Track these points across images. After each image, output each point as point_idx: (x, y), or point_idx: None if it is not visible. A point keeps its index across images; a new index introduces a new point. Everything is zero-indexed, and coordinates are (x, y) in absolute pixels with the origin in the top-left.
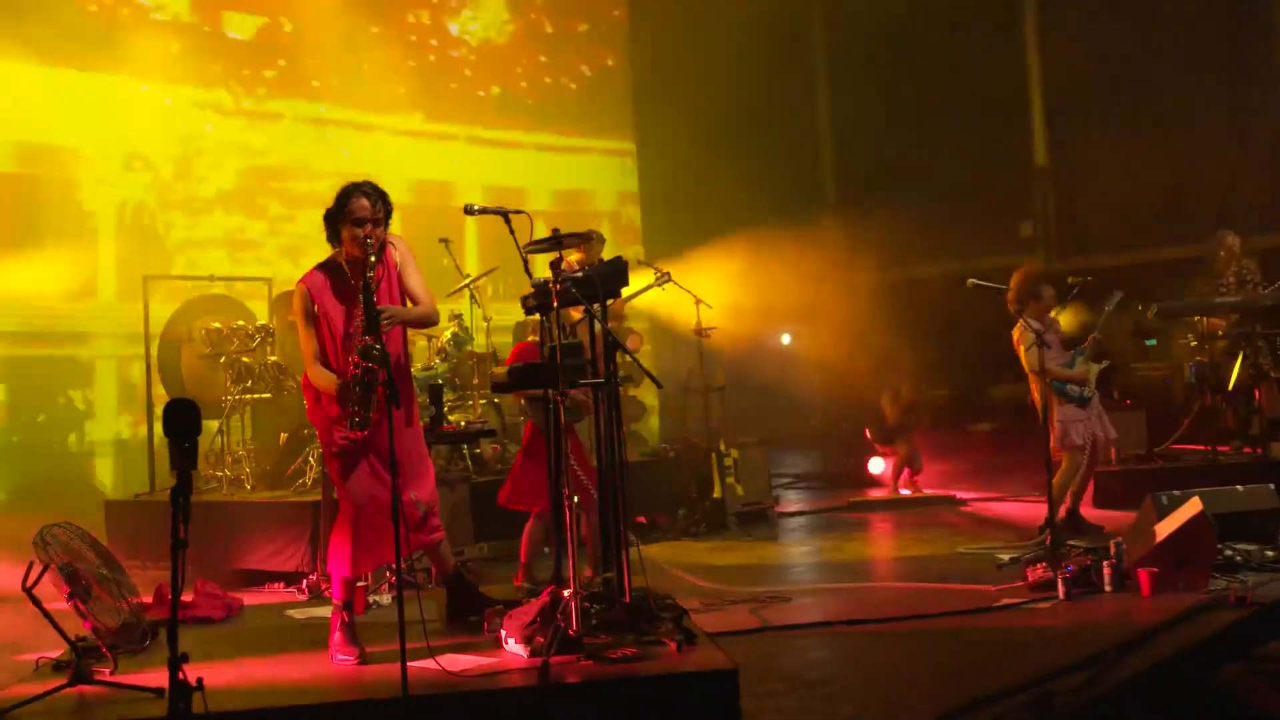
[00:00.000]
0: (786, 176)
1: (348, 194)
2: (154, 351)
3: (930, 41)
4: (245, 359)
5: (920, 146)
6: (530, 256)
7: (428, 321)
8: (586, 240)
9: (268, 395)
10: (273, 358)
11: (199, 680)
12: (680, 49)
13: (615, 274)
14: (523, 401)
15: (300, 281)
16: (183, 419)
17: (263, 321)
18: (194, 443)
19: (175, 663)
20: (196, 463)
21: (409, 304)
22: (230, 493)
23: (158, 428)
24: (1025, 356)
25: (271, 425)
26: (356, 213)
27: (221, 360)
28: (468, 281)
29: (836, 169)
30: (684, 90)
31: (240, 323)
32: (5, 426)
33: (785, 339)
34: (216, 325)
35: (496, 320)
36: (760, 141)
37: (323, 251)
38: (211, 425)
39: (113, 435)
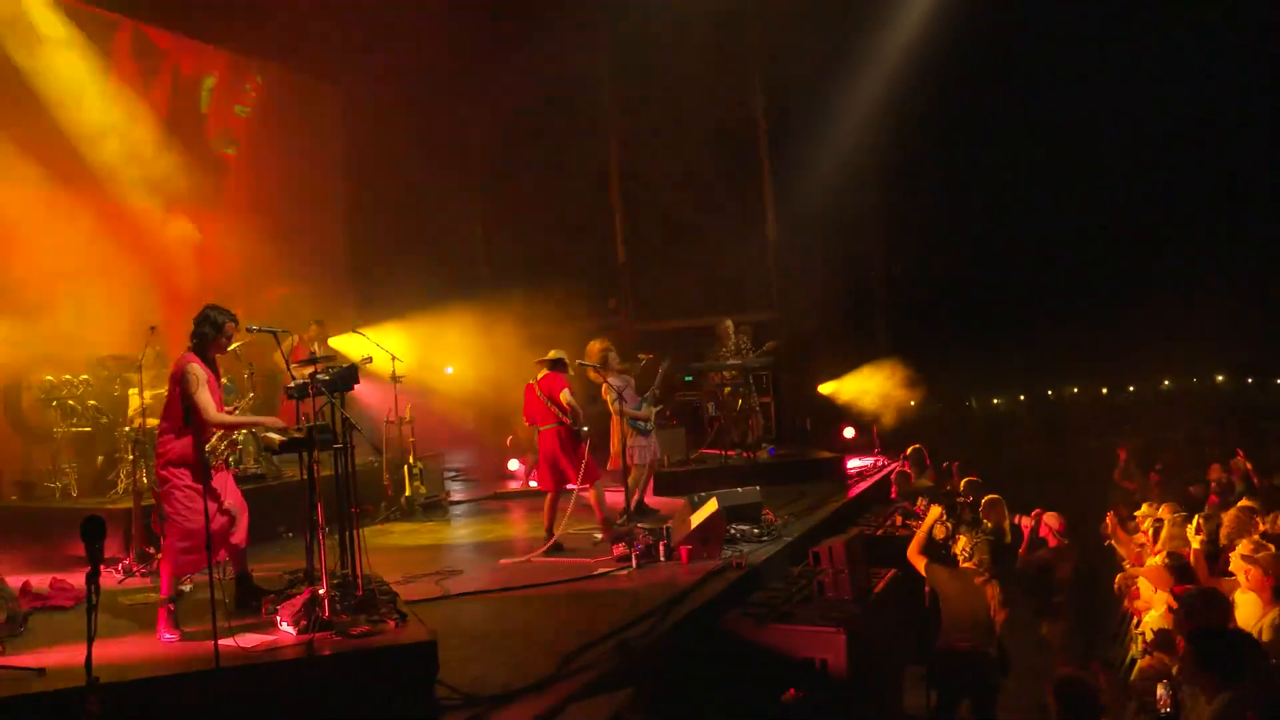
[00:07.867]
0: (456, 268)
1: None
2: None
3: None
4: (71, 401)
5: (545, 249)
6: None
7: None
8: (331, 359)
9: (89, 429)
10: (91, 401)
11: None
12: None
13: (348, 375)
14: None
15: (191, 362)
16: (94, 529)
17: (84, 376)
18: (101, 544)
19: (89, 650)
20: (102, 554)
21: None
22: (61, 500)
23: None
24: (612, 406)
25: (91, 450)
26: (227, 330)
27: (54, 403)
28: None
29: (490, 262)
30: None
31: (67, 376)
32: None
33: (449, 369)
34: (49, 377)
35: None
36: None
37: None
38: (47, 450)
39: None
